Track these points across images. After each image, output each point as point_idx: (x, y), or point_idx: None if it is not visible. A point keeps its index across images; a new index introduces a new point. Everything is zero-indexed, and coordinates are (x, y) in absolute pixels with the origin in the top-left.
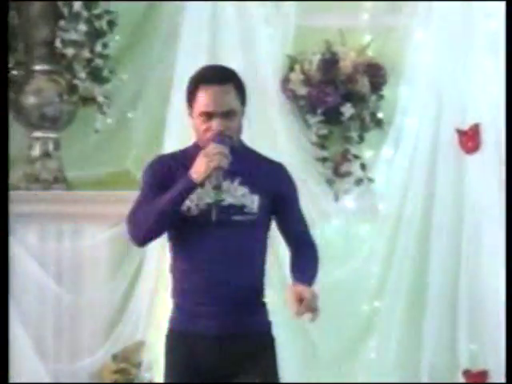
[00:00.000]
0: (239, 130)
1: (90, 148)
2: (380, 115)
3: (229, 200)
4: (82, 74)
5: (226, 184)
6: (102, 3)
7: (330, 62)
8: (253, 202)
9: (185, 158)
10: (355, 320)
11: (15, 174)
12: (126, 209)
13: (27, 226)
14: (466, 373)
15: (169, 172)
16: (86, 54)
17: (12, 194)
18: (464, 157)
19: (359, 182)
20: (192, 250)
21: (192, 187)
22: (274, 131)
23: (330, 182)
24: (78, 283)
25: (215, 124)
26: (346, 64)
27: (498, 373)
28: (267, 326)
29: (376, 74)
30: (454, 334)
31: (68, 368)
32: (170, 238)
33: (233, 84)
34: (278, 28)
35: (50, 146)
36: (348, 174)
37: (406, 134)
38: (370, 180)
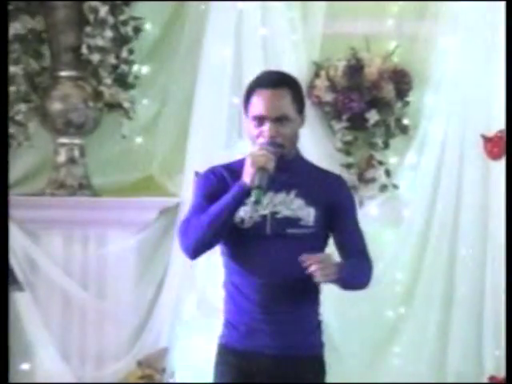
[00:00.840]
0: (293, 138)
1: (115, 154)
2: (405, 121)
3: (284, 212)
4: (108, 80)
5: (281, 196)
6: (127, 10)
7: (356, 68)
8: (309, 214)
9: (238, 168)
10: (380, 326)
11: (41, 180)
12: (150, 215)
13: (52, 232)
14: (492, 379)
15: (222, 182)
16: (112, 59)
17: (38, 199)
18: (489, 163)
19: (384, 188)
20: (246, 265)
21: (243, 192)
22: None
23: (354, 188)
24: (103, 289)
25: (266, 129)
26: (372, 70)
27: None
28: (321, 348)
29: (401, 81)
30: (479, 340)
31: (93, 374)
32: (223, 253)
33: (289, 89)
34: (303, 34)
35: (76, 152)
36: (373, 180)
37: (431, 141)
38: (395, 186)
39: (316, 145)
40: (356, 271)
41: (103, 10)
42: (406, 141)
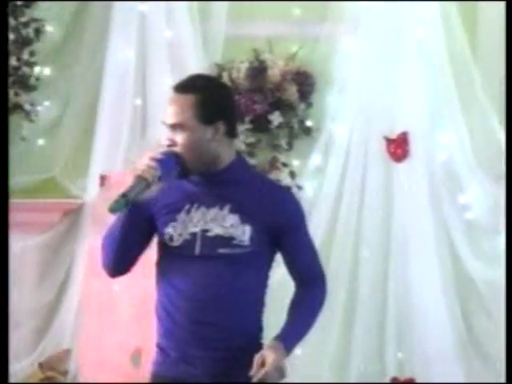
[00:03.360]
0: (196, 148)
1: (16, 156)
2: (308, 123)
3: (215, 230)
4: (9, 82)
5: (213, 211)
6: (28, 11)
7: (258, 70)
8: (244, 232)
9: None
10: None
11: None
12: (53, 217)
13: None
14: (394, 380)
15: None
16: (13, 61)
17: None
18: (392, 164)
19: None
20: (175, 286)
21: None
22: None
23: None
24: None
25: (166, 136)
26: (274, 72)
27: (425, 380)
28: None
29: (304, 82)
30: (382, 342)
31: None
32: (156, 272)
33: (192, 96)
34: (205, 36)
35: None
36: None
37: (334, 142)
38: (299, 188)
39: None
40: (305, 323)
41: None
42: (309, 142)
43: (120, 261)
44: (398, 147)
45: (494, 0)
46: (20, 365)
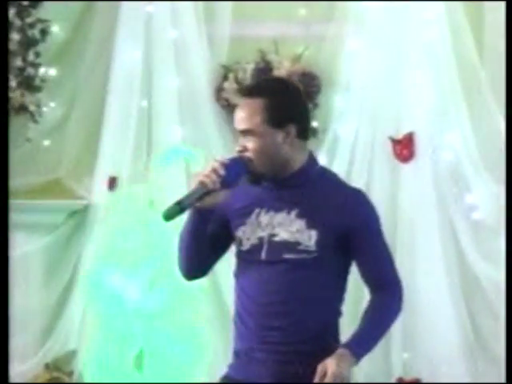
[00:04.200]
0: (266, 153)
1: (22, 157)
2: (314, 124)
3: (282, 235)
4: (13, 83)
5: (281, 216)
6: (34, 12)
7: (264, 70)
8: (309, 238)
9: None
10: None
11: None
12: (58, 218)
13: None
14: (400, 380)
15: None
16: (18, 62)
17: None
18: (398, 165)
19: None
20: (245, 290)
21: (194, 211)
22: (208, 140)
23: None
24: (10, 292)
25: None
26: (280, 73)
27: (431, 380)
28: None
29: (310, 83)
30: (387, 342)
31: None
32: (234, 277)
33: (262, 100)
34: (211, 37)
35: None
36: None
37: (340, 143)
38: None
39: (225, 148)
40: (375, 325)
41: (10, 13)
42: (315, 143)
43: (193, 265)
44: (404, 148)
45: (501, 0)
46: (26, 365)
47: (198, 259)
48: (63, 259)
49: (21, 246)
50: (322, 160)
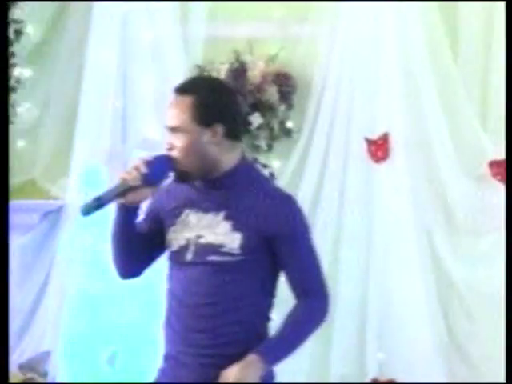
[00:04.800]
0: (192, 152)
1: None
2: (289, 124)
3: (208, 237)
4: None
5: (208, 217)
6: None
7: (238, 71)
8: (233, 240)
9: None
10: None
11: None
12: (33, 218)
13: None
14: (374, 381)
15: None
16: None
17: None
18: (373, 166)
19: None
20: (173, 292)
21: (119, 208)
22: None
23: None
24: None
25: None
26: (255, 73)
27: (406, 381)
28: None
29: (285, 84)
30: (362, 342)
31: None
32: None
33: (192, 98)
34: (186, 37)
35: None
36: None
37: (315, 144)
38: None
39: None
40: (293, 332)
41: None
42: (290, 144)
43: (125, 263)
44: (379, 149)
45: (475, 0)
46: None
47: (130, 258)
48: (38, 260)
49: None
50: (296, 160)
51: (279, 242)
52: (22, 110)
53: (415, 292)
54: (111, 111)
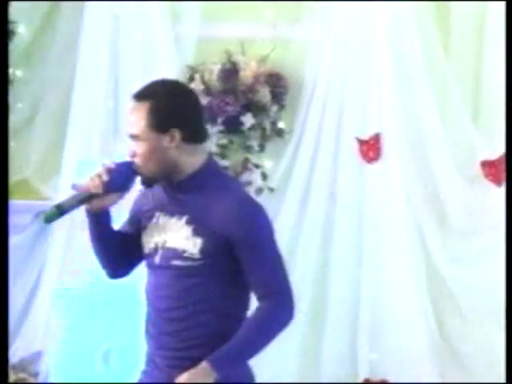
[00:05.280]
0: (152, 158)
1: None
2: (281, 125)
3: (172, 241)
4: None
5: (172, 222)
6: None
7: (230, 71)
8: (194, 245)
9: None
10: None
11: None
12: (24, 218)
13: None
14: (366, 381)
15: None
16: None
17: None
18: (365, 166)
19: (260, 191)
20: (147, 295)
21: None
22: None
23: None
24: None
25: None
26: (247, 74)
27: (398, 381)
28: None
29: (277, 84)
30: (354, 343)
31: None
32: None
33: (147, 104)
34: (177, 38)
35: None
36: (248, 183)
37: (306, 144)
38: (271, 189)
39: None
40: (247, 337)
41: None
42: (281, 144)
43: (109, 264)
44: (370, 149)
45: (468, 0)
46: None
47: (115, 259)
48: (29, 260)
49: None
50: (288, 160)
51: (237, 245)
52: (14, 110)
53: (407, 291)
54: (103, 111)
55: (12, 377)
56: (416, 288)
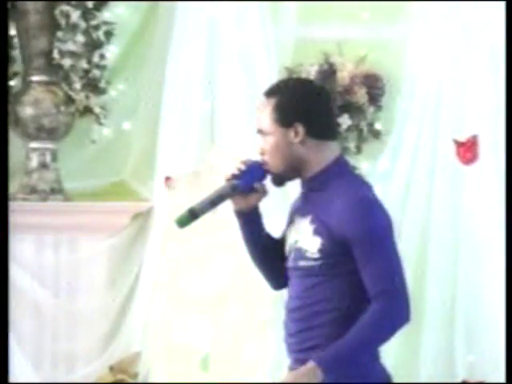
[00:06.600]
0: (278, 153)
1: (87, 159)
2: (378, 126)
3: (300, 242)
4: (78, 85)
5: (301, 222)
6: (99, 14)
7: (327, 73)
8: (314, 244)
9: None
10: None
11: (13, 185)
12: (122, 220)
13: (24, 237)
14: (464, 383)
15: None
16: (84, 64)
17: (9, 204)
18: (462, 168)
19: None
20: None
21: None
22: None
23: None
24: (74, 295)
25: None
26: (344, 75)
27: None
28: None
29: (374, 85)
30: (451, 344)
31: (65, 379)
32: None
33: (274, 99)
34: (275, 39)
35: (48, 157)
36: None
37: (403, 145)
38: None
39: None
40: (354, 336)
41: (75, 15)
42: (378, 146)
43: (267, 272)
44: (468, 150)
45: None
46: (90, 368)
47: (269, 267)
48: (127, 261)
49: (84, 247)
50: (385, 162)
51: (352, 244)
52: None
53: (504, 293)
54: (198, 113)
55: (110, 378)
56: None
